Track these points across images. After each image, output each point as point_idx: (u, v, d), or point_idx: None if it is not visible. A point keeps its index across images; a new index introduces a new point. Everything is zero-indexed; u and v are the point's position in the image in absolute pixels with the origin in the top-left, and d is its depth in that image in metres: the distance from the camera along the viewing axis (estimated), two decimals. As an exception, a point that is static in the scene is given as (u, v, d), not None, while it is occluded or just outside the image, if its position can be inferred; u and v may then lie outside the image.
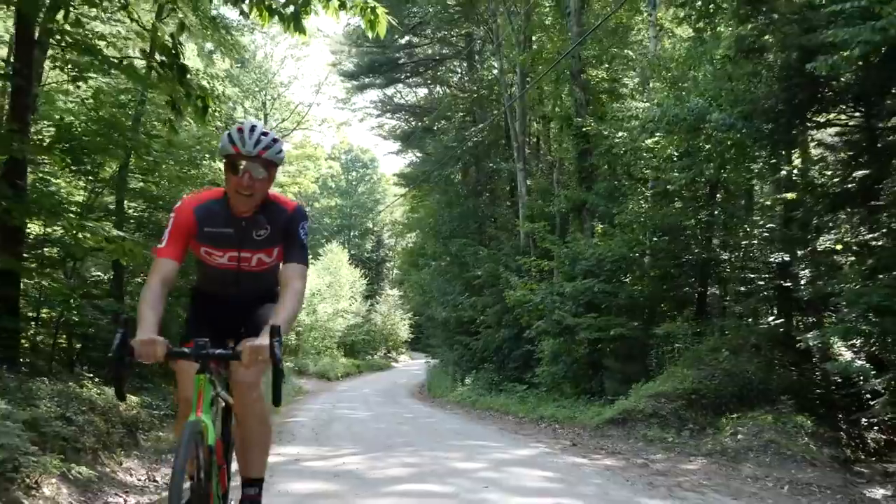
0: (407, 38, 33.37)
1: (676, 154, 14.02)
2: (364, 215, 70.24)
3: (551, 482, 6.94)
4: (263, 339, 3.18)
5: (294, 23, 7.27)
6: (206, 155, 15.87)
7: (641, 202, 15.91)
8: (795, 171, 12.50)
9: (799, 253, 12.60)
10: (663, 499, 6.41)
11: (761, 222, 13.85)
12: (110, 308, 12.40)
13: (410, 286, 41.97)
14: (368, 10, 7.06)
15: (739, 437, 9.67)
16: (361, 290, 50.70)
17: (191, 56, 14.24)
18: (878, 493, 8.16)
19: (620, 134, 15.09)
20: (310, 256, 4.15)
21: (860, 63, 9.05)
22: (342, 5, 7.07)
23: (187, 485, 3.16)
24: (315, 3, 7.16)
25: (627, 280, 16.03)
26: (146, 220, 15.61)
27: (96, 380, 9.91)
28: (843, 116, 11.09)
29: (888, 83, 9.34)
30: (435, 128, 33.44)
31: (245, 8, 7.30)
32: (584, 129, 17.47)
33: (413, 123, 39.41)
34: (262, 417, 3.83)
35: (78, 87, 10.99)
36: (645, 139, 13.82)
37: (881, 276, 9.82)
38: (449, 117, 32.61)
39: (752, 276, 14.17)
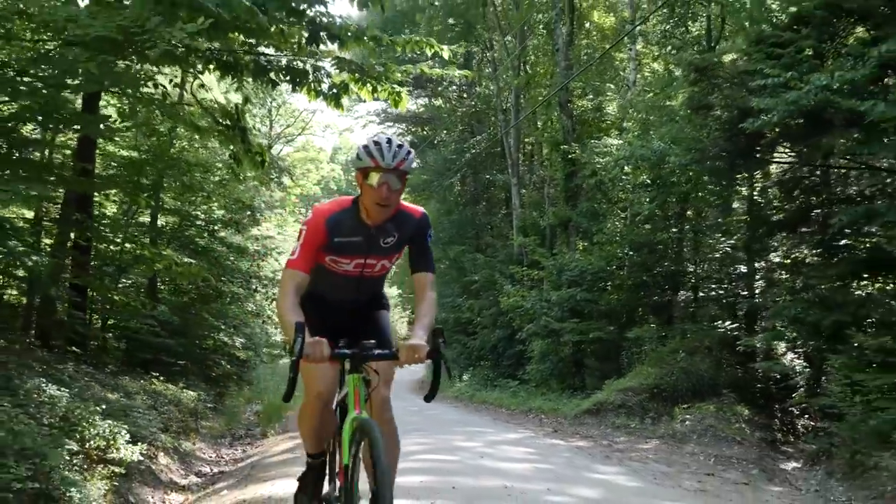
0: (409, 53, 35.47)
1: (648, 181, 16.22)
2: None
3: (532, 455, 9.15)
4: (420, 340, 3.42)
5: (335, 101, 9.48)
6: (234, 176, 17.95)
7: (617, 223, 18.09)
8: (756, 194, 14.70)
9: (756, 265, 14.86)
10: (613, 465, 8.65)
11: (723, 239, 16.07)
12: (162, 316, 14.58)
13: (409, 286, 44.02)
14: (395, 93, 9.30)
15: (687, 422, 11.90)
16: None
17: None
18: (790, 465, 10.38)
19: (601, 161, 17.27)
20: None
21: (784, 122, 11.26)
22: (374, 90, 9.27)
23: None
24: (352, 87, 9.37)
25: (609, 288, 18.19)
26: (179, 235, 17.66)
27: (161, 378, 12.09)
28: (779, 160, 13.32)
29: (806, 138, 11.53)
30: (435, 141, 35.46)
31: (297, 88, 9.47)
32: (570, 156, 19.70)
33: (413, 130, 41.51)
34: (396, 438, 3.93)
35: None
36: (618, 173, 16.05)
37: (804, 293, 12.08)
38: (448, 129, 34.62)
39: (714, 285, 16.44)
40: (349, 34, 8.35)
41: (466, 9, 29.08)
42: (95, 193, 12.96)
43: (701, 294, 16.62)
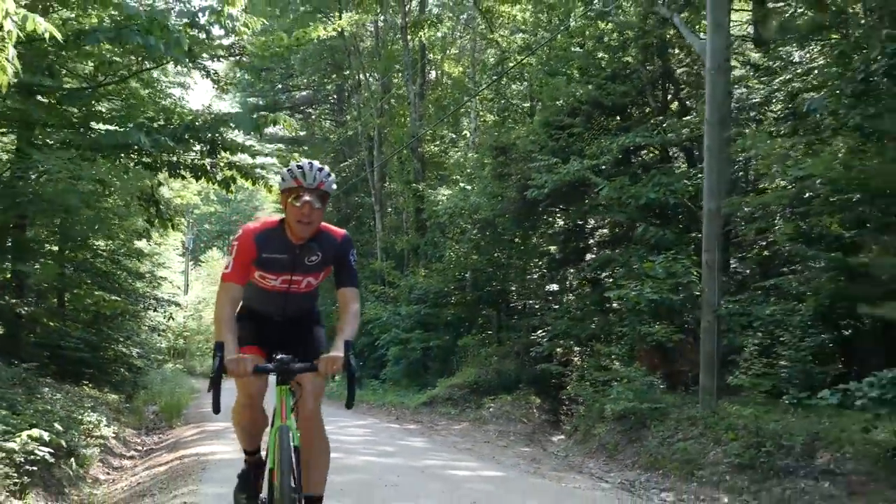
0: (284, 83, 39.14)
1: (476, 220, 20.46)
2: (243, 221, 73.62)
3: (367, 432, 13.11)
4: (339, 352, 3.66)
5: (226, 188, 13.20)
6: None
7: (452, 253, 22.28)
8: (546, 238, 19.07)
9: (564, 287, 19.27)
10: (422, 438, 12.69)
11: (537, 265, 20.47)
12: (81, 333, 17.73)
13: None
14: (269, 185, 13.10)
15: (491, 409, 16.11)
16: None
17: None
18: (557, 437, 14.66)
19: (438, 203, 21.45)
20: (198, 263, 5.66)
21: (554, 191, 15.57)
22: (254, 182, 13.02)
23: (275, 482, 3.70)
24: (239, 180, 13.11)
25: (452, 302, 22.30)
26: (85, 264, 20.60)
27: (91, 384, 15.46)
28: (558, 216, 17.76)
29: (572, 201, 15.91)
30: (310, 164, 38.93)
31: (199, 179, 13.12)
32: (418, 193, 23.87)
33: (291, 150, 44.89)
34: (323, 437, 4.22)
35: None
36: (447, 219, 20.28)
37: (576, 312, 16.50)
38: (321, 157, 38.15)
39: (531, 301, 20.88)
40: (237, 147, 12.18)
41: (336, 51, 32.77)
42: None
43: (520, 308, 21.00)
